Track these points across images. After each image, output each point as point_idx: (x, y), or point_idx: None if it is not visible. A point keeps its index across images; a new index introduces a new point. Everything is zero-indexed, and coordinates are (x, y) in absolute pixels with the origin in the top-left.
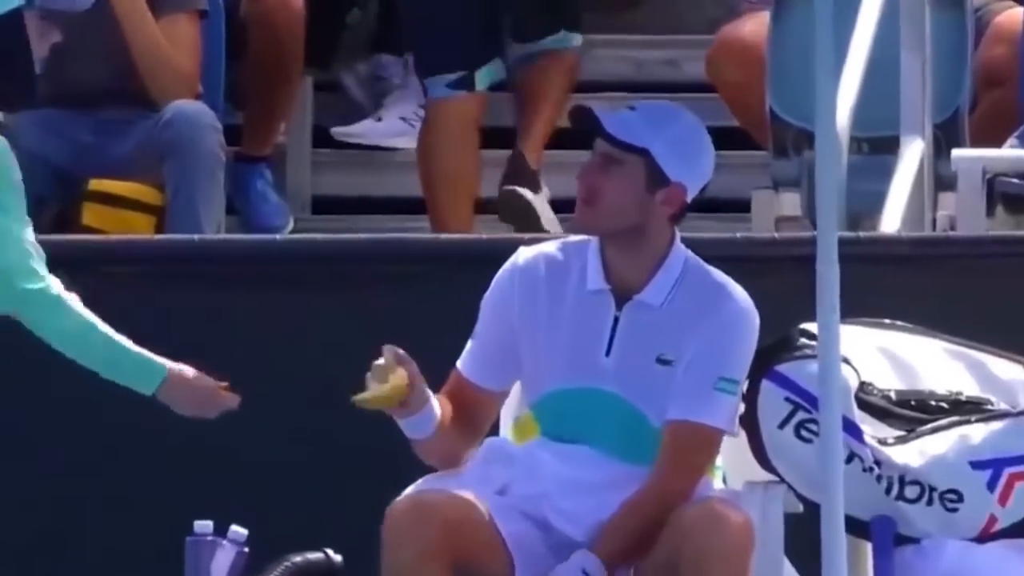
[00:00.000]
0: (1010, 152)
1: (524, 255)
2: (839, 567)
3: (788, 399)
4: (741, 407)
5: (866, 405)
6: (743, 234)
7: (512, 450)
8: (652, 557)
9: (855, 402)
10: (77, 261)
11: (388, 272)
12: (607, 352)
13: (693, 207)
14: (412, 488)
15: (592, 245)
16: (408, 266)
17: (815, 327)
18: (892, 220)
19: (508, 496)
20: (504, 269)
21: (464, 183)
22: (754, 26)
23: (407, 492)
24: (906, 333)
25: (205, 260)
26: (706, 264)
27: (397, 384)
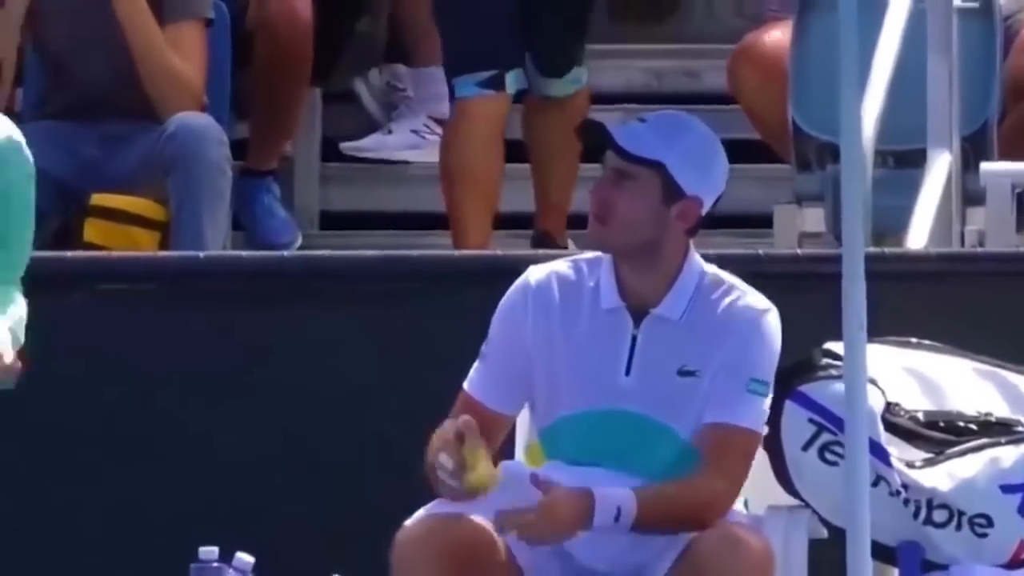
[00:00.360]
0: None
1: (535, 274)
2: None
3: (812, 420)
4: (765, 428)
5: (893, 427)
6: (765, 251)
7: (528, 473)
8: None
9: (882, 424)
10: (78, 278)
11: (398, 289)
12: (627, 371)
13: (713, 222)
14: (423, 511)
15: (605, 262)
16: (419, 283)
17: (838, 346)
18: (919, 236)
19: None
20: (515, 288)
21: (487, 188)
22: (776, 36)
23: (418, 516)
24: (934, 352)
25: (210, 277)
26: (720, 270)
27: (496, 472)
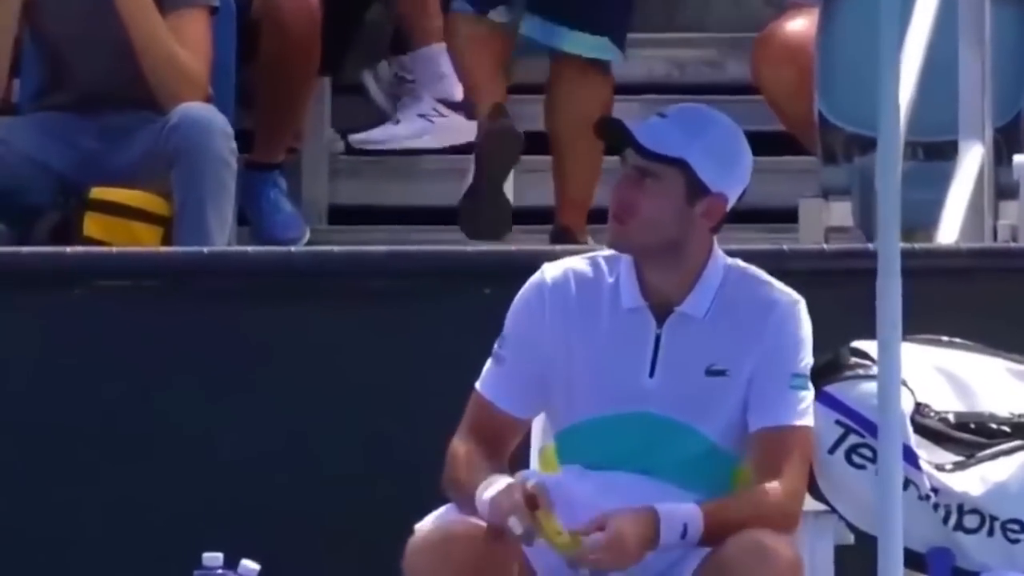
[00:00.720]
0: None
1: (551, 272)
2: None
3: (839, 422)
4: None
5: (922, 429)
6: (790, 246)
7: (544, 480)
8: None
9: (911, 425)
10: (77, 274)
11: (409, 286)
12: (651, 373)
13: (737, 217)
14: (435, 517)
15: (625, 259)
16: (431, 279)
17: (866, 345)
18: (950, 230)
19: None
20: (531, 287)
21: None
22: (802, 24)
23: (429, 521)
24: (965, 351)
25: (214, 274)
26: (744, 264)
27: (577, 537)
